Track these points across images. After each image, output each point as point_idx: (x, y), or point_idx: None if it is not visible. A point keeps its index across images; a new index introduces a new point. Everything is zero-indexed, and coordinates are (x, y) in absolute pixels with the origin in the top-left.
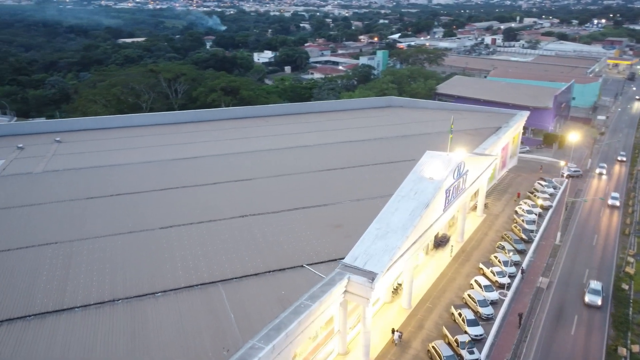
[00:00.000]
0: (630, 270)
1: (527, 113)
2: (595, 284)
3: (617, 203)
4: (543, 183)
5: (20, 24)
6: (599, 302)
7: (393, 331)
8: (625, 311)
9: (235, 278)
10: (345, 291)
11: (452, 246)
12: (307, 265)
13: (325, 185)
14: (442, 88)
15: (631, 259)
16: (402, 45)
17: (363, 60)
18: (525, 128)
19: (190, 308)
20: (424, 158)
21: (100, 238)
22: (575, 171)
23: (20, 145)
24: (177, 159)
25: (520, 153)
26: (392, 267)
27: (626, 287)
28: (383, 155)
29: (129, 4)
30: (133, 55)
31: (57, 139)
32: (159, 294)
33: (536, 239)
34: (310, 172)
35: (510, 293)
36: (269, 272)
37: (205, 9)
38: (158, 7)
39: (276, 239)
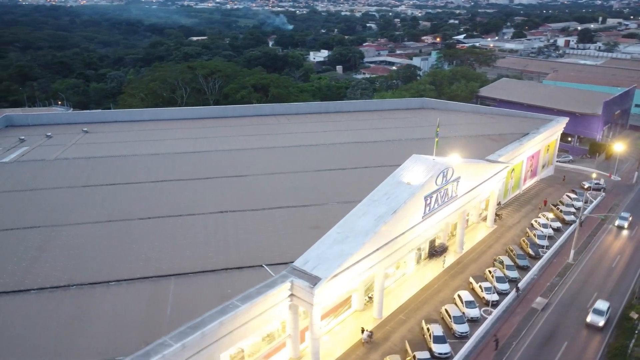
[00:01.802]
0: None
1: (565, 119)
2: None
3: (601, 323)
4: (572, 196)
5: (107, 22)
6: None
7: (362, 330)
8: (625, 342)
9: (191, 273)
10: (292, 295)
11: (444, 257)
12: (266, 265)
13: (318, 186)
14: (484, 91)
15: None
16: (465, 46)
17: (416, 61)
18: (570, 136)
19: (134, 299)
20: (407, 161)
21: (80, 225)
22: (597, 184)
23: (49, 134)
24: (181, 152)
25: (561, 162)
26: (344, 273)
27: (635, 315)
28: (393, 157)
29: (209, 4)
30: (192, 52)
31: (85, 129)
32: (113, 283)
33: (546, 256)
34: (308, 172)
35: (496, 311)
36: (226, 269)
37: (279, 8)
38: (235, 7)
39: (247, 236)
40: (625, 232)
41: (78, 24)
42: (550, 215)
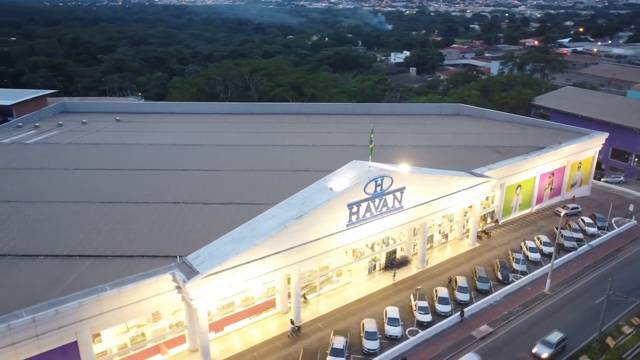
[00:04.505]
0: (611, 341)
1: (604, 135)
2: None
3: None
4: (587, 220)
5: (220, 20)
6: None
7: (292, 322)
8: None
9: (110, 256)
10: (179, 287)
11: (395, 270)
12: (181, 256)
13: (280, 185)
14: (539, 100)
15: (629, 329)
16: (565, 50)
17: (494, 65)
18: (629, 154)
19: (46, 275)
20: (344, 166)
21: (49, 203)
22: (573, 208)
23: (85, 120)
24: (178, 144)
25: (610, 182)
26: (233, 272)
27: None
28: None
29: (322, 4)
30: (271, 51)
31: (117, 118)
32: (41, 257)
33: (518, 282)
34: (281, 171)
35: (423, 333)
36: (142, 256)
37: (391, 8)
38: (347, 7)
39: (185, 227)
40: None
41: (195, 22)
42: (545, 239)
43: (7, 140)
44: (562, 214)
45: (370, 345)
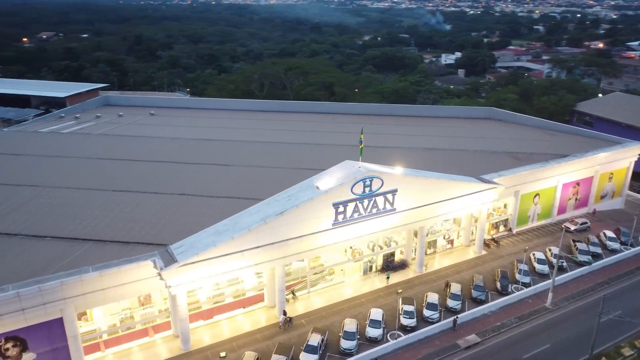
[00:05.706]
0: None
1: (639, 145)
2: None
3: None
4: (610, 234)
5: (279, 19)
6: None
7: (285, 313)
8: None
9: (109, 241)
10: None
11: (388, 274)
12: (171, 245)
13: (285, 182)
14: (583, 106)
15: (630, 351)
16: (633, 54)
17: (546, 67)
18: None
19: (47, 255)
20: (336, 165)
21: (67, 189)
22: (582, 224)
23: (121, 113)
24: (197, 139)
25: None
26: (210, 262)
27: None
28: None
29: (385, 4)
30: (319, 50)
31: (152, 112)
32: (48, 238)
33: (519, 293)
34: (289, 169)
35: (405, 337)
36: (138, 243)
37: (455, 9)
38: (409, 6)
39: (185, 218)
40: None
41: (255, 21)
42: (556, 251)
43: (46, 129)
44: (571, 230)
45: (346, 344)
